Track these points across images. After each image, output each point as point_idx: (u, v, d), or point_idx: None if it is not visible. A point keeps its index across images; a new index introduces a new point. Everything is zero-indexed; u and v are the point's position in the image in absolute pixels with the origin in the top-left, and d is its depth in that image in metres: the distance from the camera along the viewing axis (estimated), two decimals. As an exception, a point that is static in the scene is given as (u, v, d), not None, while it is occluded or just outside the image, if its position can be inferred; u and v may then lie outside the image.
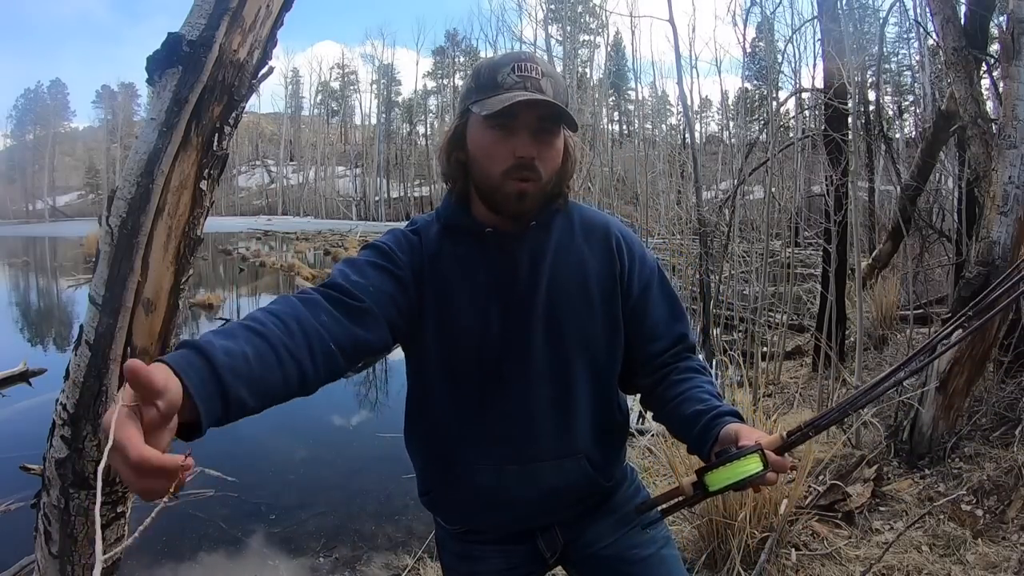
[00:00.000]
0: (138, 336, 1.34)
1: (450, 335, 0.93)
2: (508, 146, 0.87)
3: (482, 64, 0.92)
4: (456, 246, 0.95)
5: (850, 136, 4.18)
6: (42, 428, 1.42)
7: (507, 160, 0.87)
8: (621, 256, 0.99)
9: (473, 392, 0.95)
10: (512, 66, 0.88)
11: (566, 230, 0.98)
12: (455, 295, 0.93)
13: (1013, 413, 2.89)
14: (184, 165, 1.31)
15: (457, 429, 0.96)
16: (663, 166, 11.88)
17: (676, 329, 1.02)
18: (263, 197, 50.25)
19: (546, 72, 0.89)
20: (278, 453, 4.07)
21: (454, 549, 1.07)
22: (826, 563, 2.14)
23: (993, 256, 2.59)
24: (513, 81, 0.87)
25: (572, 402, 0.96)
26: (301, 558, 2.85)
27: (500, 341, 0.93)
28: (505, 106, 0.83)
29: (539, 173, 0.89)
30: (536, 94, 0.86)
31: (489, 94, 0.87)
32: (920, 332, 4.34)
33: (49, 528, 1.42)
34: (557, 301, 0.94)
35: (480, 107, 0.87)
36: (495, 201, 0.91)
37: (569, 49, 23.68)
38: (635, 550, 1.02)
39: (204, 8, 1.29)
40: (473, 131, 0.91)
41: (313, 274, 13.06)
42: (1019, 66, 2.56)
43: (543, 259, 0.95)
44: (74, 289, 11.72)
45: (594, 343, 0.97)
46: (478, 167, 0.91)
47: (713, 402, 0.91)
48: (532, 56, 0.91)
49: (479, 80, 0.90)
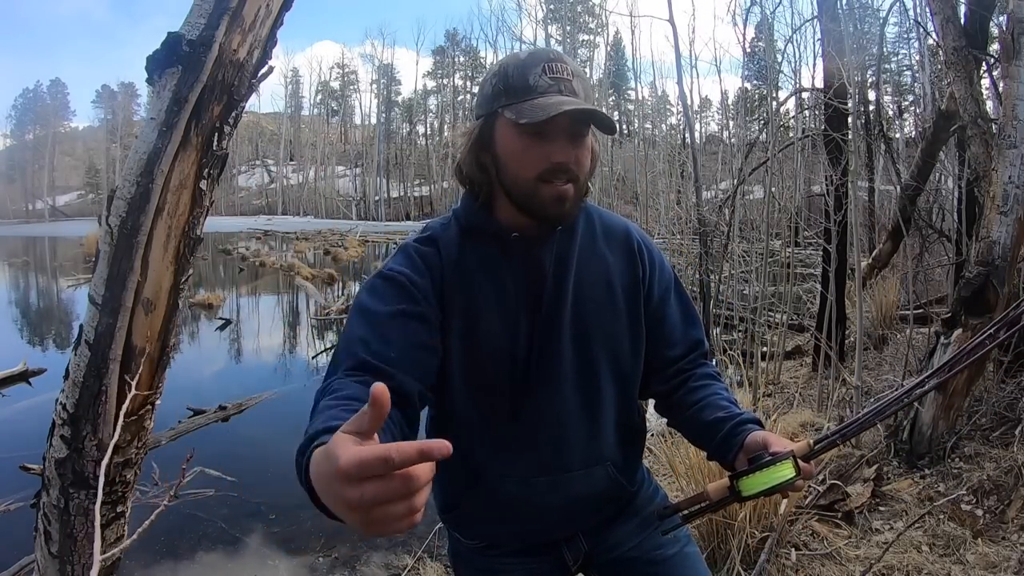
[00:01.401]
0: (138, 336, 1.34)
1: (477, 343, 0.90)
2: (543, 151, 0.84)
3: (508, 63, 0.87)
4: (478, 250, 0.92)
5: (850, 136, 4.18)
6: (42, 428, 1.42)
7: (541, 164, 0.85)
8: (643, 260, 0.99)
9: (501, 401, 0.92)
10: (543, 66, 0.84)
11: (588, 232, 0.97)
12: (481, 302, 0.90)
13: (1013, 413, 2.89)
14: (184, 165, 1.31)
15: (484, 440, 0.94)
16: (663, 166, 11.89)
17: (692, 335, 1.02)
18: (263, 197, 50.21)
19: (575, 72, 0.86)
20: (278, 453, 4.07)
21: (475, 564, 1.05)
22: (826, 563, 2.14)
23: (993, 256, 2.58)
24: (547, 84, 0.84)
25: (599, 407, 0.95)
26: (301, 558, 2.85)
27: (529, 347, 0.91)
28: (551, 115, 0.80)
29: (576, 175, 0.87)
30: (571, 97, 0.84)
31: (523, 98, 0.83)
32: (920, 332, 4.33)
33: (49, 528, 1.42)
34: (583, 304, 0.93)
35: (516, 113, 0.83)
36: (531, 206, 0.88)
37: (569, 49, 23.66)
38: (659, 550, 1.02)
39: (204, 8, 1.29)
40: (503, 134, 0.87)
41: (313, 273, 13.06)
42: (1019, 66, 2.56)
43: (569, 262, 0.93)
44: (74, 289, 11.72)
45: (619, 345, 0.96)
46: (509, 172, 0.87)
47: (734, 409, 0.91)
48: (560, 55, 0.87)
49: (508, 82, 0.85)
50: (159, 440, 3.78)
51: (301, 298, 11.24)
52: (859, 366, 3.36)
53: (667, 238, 8.02)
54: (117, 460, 1.38)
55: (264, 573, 2.76)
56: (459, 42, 48.02)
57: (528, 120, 0.81)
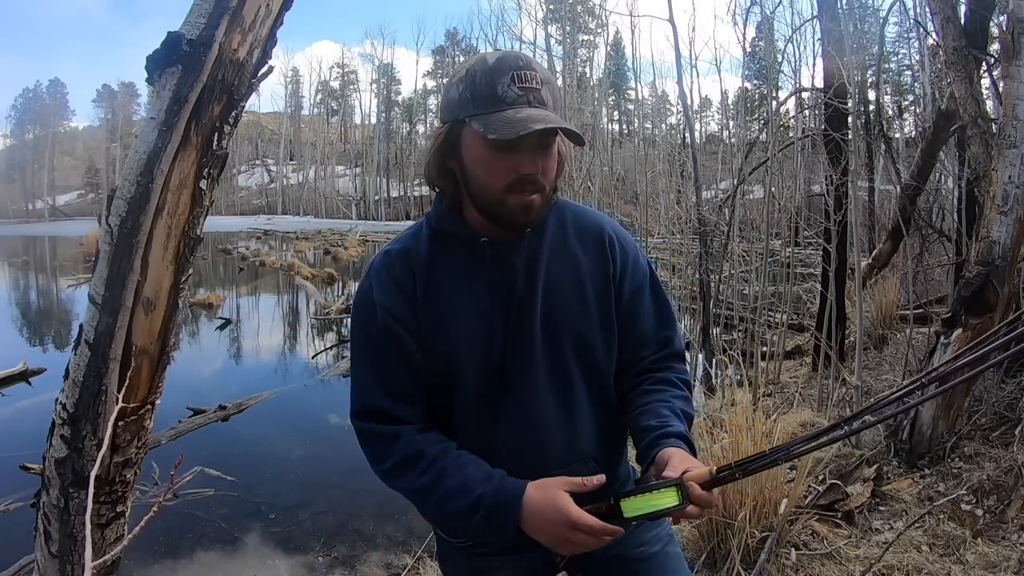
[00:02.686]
0: (138, 335, 1.34)
1: (453, 347, 0.92)
2: (511, 163, 0.84)
3: (475, 68, 0.85)
4: (450, 254, 0.93)
5: (850, 136, 4.18)
6: (42, 428, 1.42)
7: (510, 176, 0.85)
8: (614, 257, 0.98)
9: (477, 405, 0.94)
10: (511, 75, 0.83)
11: (559, 232, 0.97)
12: (456, 308, 0.92)
13: (1013, 413, 2.89)
14: (184, 164, 1.31)
15: (465, 442, 0.94)
16: (663, 166, 11.87)
17: (663, 335, 1.01)
18: (263, 196, 50.20)
19: (544, 79, 0.85)
20: (278, 453, 4.07)
21: (462, 564, 1.06)
22: (826, 563, 2.14)
23: (993, 256, 2.58)
24: (515, 95, 0.82)
25: (575, 407, 0.96)
26: (300, 557, 2.85)
27: (503, 350, 0.92)
28: (521, 134, 0.80)
29: (543, 185, 0.87)
30: (540, 108, 0.83)
31: (491, 109, 0.82)
32: (920, 332, 4.34)
33: (49, 527, 1.41)
34: (554, 306, 0.94)
35: (483, 126, 0.82)
36: (498, 215, 0.89)
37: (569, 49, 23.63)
38: (641, 548, 1.03)
39: (204, 7, 1.28)
40: (470, 145, 0.86)
41: (313, 273, 13.06)
42: (1019, 66, 2.56)
43: (539, 264, 0.94)
44: (74, 288, 11.72)
45: (590, 343, 0.96)
46: (476, 181, 0.88)
47: (668, 420, 0.90)
48: (529, 61, 0.85)
49: (475, 90, 0.84)
50: (159, 440, 3.78)
51: (301, 298, 11.25)
52: (859, 366, 3.36)
53: (667, 238, 8.02)
54: (117, 460, 1.38)
55: (264, 573, 2.76)
56: (459, 42, 47.97)
57: (497, 137, 0.81)
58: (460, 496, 0.85)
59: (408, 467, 0.89)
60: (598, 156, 14.58)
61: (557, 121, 0.83)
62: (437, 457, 0.88)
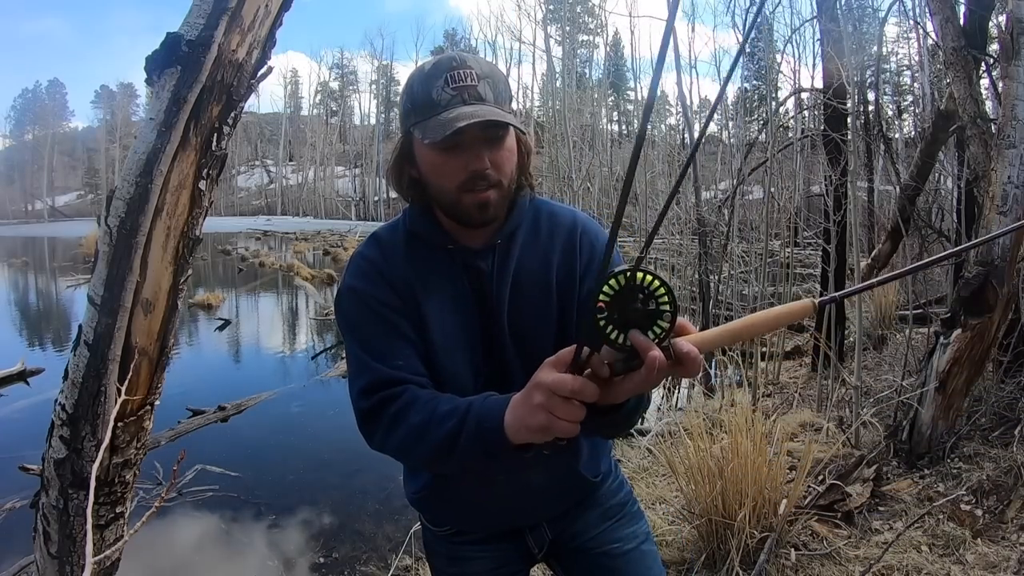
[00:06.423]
0: (137, 336, 1.34)
1: (434, 352, 0.92)
2: (459, 162, 0.84)
3: (413, 79, 0.87)
4: (425, 256, 0.94)
5: (849, 136, 4.19)
6: (41, 428, 1.42)
7: (460, 175, 0.85)
8: (581, 250, 0.97)
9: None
10: (444, 77, 0.83)
11: (531, 233, 0.96)
12: (429, 307, 0.92)
13: (1012, 413, 2.89)
14: (183, 165, 1.31)
15: None
16: (662, 166, 11.88)
17: None
18: (262, 197, 50.19)
19: (482, 73, 0.84)
20: (277, 453, 4.07)
21: (443, 552, 1.08)
22: (826, 563, 2.14)
23: (993, 256, 2.59)
24: (448, 97, 0.83)
25: None
26: (301, 558, 2.85)
27: (475, 354, 0.93)
28: (448, 134, 0.80)
29: (496, 179, 0.87)
30: (475, 105, 0.83)
31: (428, 114, 0.83)
32: (919, 332, 4.34)
33: (48, 528, 1.41)
34: (520, 306, 0.94)
35: (421, 132, 0.83)
36: (457, 214, 0.89)
37: (568, 49, 23.66)
38: (617, 544, 1.05)
39: (203, 8, 1.28)
40: (419, 152, 0.88)
41: (312, 274, 13.05)
42: (1018, 66, 2.56)
43: (508, 268, 0.94)
44: (73, 289, 11.71)
45: (551, 343, 0.94)
46: (432, 186, 0.89)
47: None
48: (464, 60, 0.85)
49: (414, 99, 0.85)
50: (158, 441, 3.77)
51: (300, 298, 11.24)
52: (858, 366, 3.36)
53: (666, 238, 8.02)
54: (116, 460, 1.38)
55: (264, 573, 2.75)
56: (458, 42, 48.01)
57: (431, 140, 0.82)
58: (450, 416, 0.80)
59: (406, 411, 0.85)
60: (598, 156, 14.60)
61: (488, 114, 0.82)
62: (432, 398, 0.85)
